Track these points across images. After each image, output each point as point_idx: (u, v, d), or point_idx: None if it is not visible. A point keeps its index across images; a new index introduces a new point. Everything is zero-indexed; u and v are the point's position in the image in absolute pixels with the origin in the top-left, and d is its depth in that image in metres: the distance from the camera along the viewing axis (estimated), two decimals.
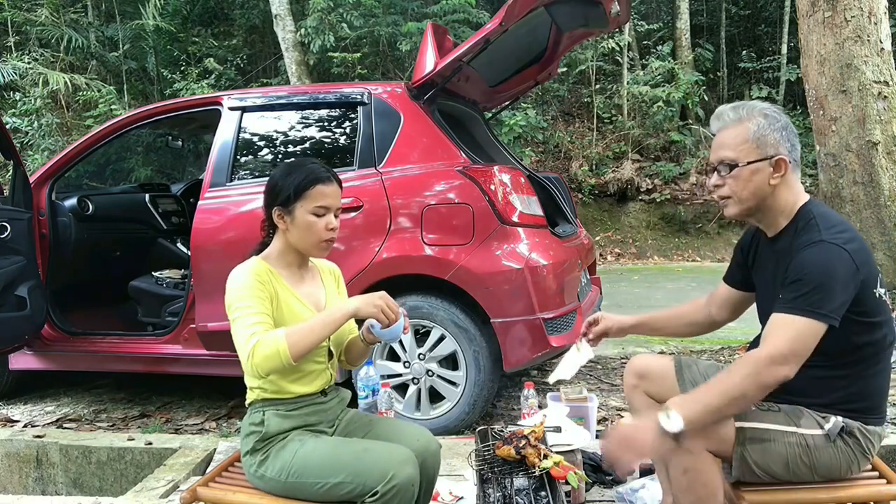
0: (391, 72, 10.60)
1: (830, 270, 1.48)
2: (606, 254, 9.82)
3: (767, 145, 1.59)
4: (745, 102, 1.66)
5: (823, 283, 1.48)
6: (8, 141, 3.28)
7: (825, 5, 4.57)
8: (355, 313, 1.64)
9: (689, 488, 1.59)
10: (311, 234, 1.71)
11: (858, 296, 1.52)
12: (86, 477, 3.00)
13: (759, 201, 1.63)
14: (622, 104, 11.26)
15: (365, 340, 1.83)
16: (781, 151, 1.59)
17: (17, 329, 3.29)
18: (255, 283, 1.65)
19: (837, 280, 1.48)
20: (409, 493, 1.56)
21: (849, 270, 1.49)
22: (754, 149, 1.59)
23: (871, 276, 1.55)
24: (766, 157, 1.59)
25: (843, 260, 1.49)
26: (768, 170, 1.59)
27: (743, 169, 1.60)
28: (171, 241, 4.39)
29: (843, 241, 1.51)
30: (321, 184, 1.71)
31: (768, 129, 1.59)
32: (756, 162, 1.59)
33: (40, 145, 9.40)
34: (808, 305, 1.48)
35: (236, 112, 3.39)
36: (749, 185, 1.61)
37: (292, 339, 1.54)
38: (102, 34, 11.06)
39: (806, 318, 1.48)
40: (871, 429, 1.61)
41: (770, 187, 1.61)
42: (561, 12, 3.37)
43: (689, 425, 1.48)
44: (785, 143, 1.59)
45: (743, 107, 1.64)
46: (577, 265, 3.28)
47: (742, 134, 1.60)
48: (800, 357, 1.49)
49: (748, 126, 1.60)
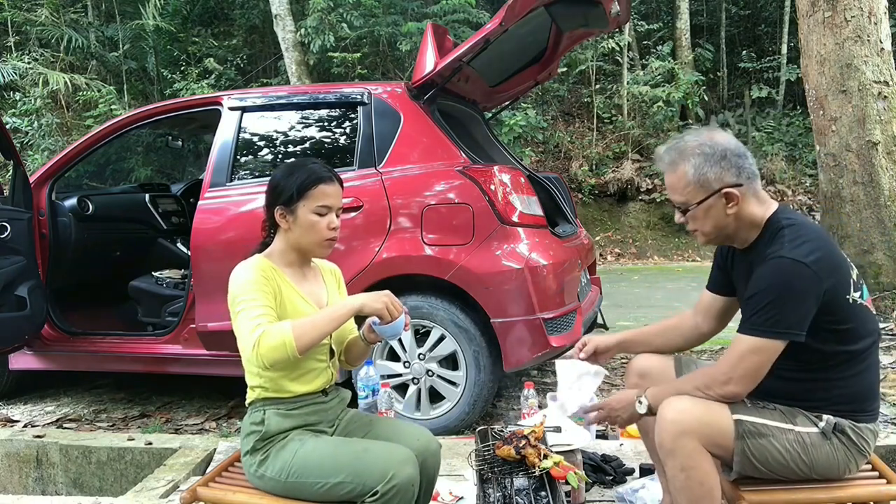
0: (391, 72, 10.60)
1: (785, 286, 1.50)
2: (606, 254, 9.83)
3: (710, 182, 1.59)
4: (677, 142, 1.65)
5: (777, 299, 1.50)
6: (8, 141, 3.28)
7: (825, 5, 4.57)
8: (360, 309, 1.64)
9: (685, 486, 1.59)
10: (314, 234, 1.72)
11: (827, 305, 1.53)
12: (86, 477, 3.00)
13: (724, 231, 1.66)
14: (622, 104, 11.26)
15: (366, 340, 1.84)
16: (727, 181, 1.59)
17: (17, 329, 3.29)
18: (259, 278, 1.66)
19: (793, 295, 1.50)
20: (409, 493, 1.56)
21: (807, 283, 1.50)
22: (699, 189, 1.60)
23: (840, 283, 1.55)
24: (712, 193, 1.60)
25: (800, 274, 1.49)
26: (720, 203, 1.60)
27: (696, 210, 1.63)
28: (171, 241, 4.39)
29: (802, 255, 1.51)
30: (323, 183, 1.72)
31: (706, 166, 1.59)
32: (705, 200, 1.61)
33: (40, 145, 9.40)
34: (763, 324, 1.52)
35: (236, 112, 3.39)
36: (708, 220, 1.63)
37: (298, 330, 1.55)
38: (102, 34, 11.06)
39: (761, 339, 1.53)
40: (862, 426, 1.62)
41: (729, 216, 1.62)
42: (561, 12, 3.37)
43: (653, 411, 1.67)
44: (729, 171, 1.59)
45: (675, 149, 1.64)
46: (577, 265, 3.28)
47: (682, 178, 1.62)
48: (750, 377, 1.55)
49: (685, 169, 1.61)
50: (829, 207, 4.78)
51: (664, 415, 1.61)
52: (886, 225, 4.55)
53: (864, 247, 4.60)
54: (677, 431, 1.57)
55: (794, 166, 10.55)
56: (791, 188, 10.28)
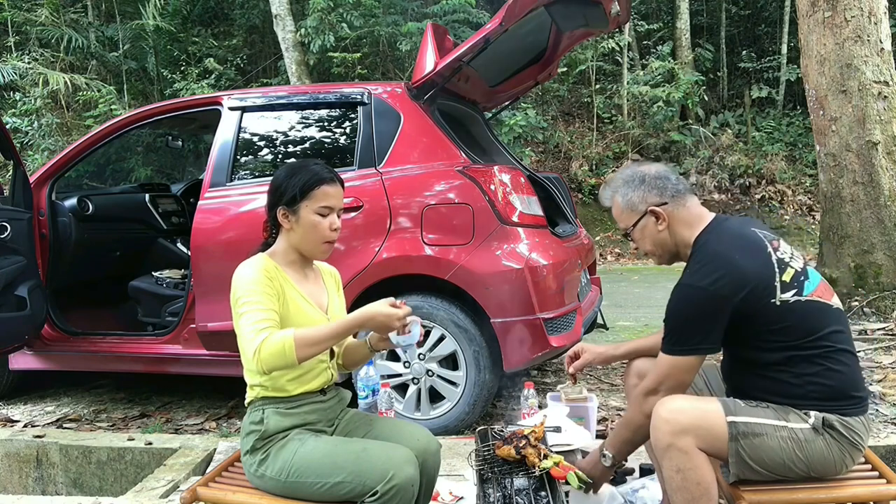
0: (391, 72, 10.60)
1: (684, 311, 1.68)
2: (606, 254, 9.82)
3: (636, 205, 1.81)
4: (611, 180, 1.90)
5: (676, 324, 1.69)
6: (8, 141, 3.28)
7: (825, 5, 4.57)
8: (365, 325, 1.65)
9: (682, 487, 1.60)
10: (316, 234, 1.73)
11: (749, 314, 1.62)
12: (86, 477, 3.00)
13: (664, 247, 1.83)
14: (622, 104, 11.26)
15: (373, 348, 1.84)
16: (651, 202, 1.79)
17: (17, 329, 3.29)
18: (263, 278, 1.66)
19: (693, 317, 1.65)
20: (408, 493, 1.56)
21: (705, 305, 1.63)
22: (630, 213, 1.83)
23: (756, 292, 1.61)
24: (642, 215, 1.81)
25: (697, 298, 1.64)
26: (650, 221, 1.80)
27: (634, 231, 1.85)
28: (171, 241, 4.39)
29: (699, 280, 1.64)
30: (326, 184, 1.73)
31: (630, 191, 1.82)
32: (637, 222, 1.82)
33: (40, 145, 9.40)
34: (674, 344, 1.69)
35: (236, 112, 3.39)
36: (646, 239, 1.84)
37: (300, 341, 1.55)
38: (102, 34, 11.06)
39: (671, 357, 1.70)
40: (849, 420, 1.62)
41: (663, 234, 1.80)
42: (561, 12, 3.37)
43: (619, 456, 1.89)
44: (651, 192, 1.79)
45: (608, 186, 1.90)
46: (577, 265, 3.28)
47: (617, 207, 1.86)
48: (670, 389, 1.70)
49: (617, 199, 1.86)
50: (829, 207, 4.78)
51: (659, 414, 1.62)
52: (886, 225, 4.55)
53: (864, 247, 4.60)
54: (672, 431, 1.58)
55: (794, 166, 10.55)
56: (791, 188, 10.28)
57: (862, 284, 4.60)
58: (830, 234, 4.76)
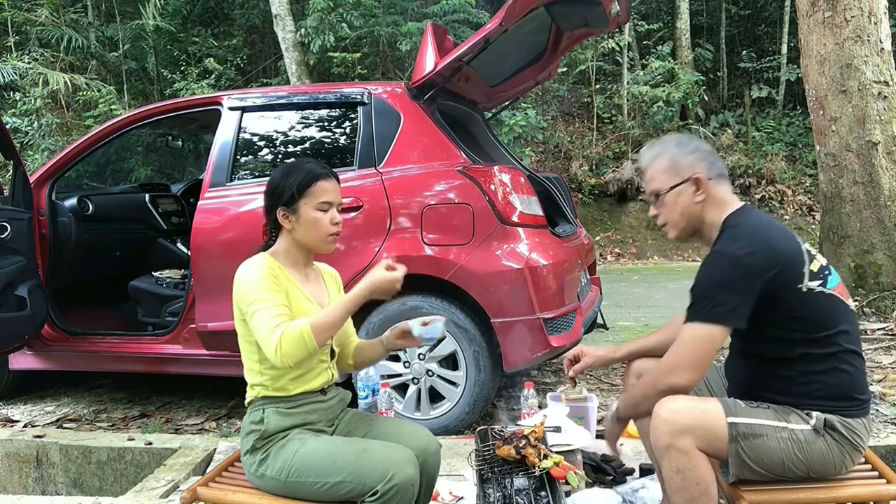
0: (391, 72, 10.60)
1: (715, 277, 1.63)
2: (606, 254, 9.83)
3: (683, 169, 1.74)
4: (662, 139, 1.84)
5: (705, 290, 1.63)
6: (8, 141, 3.28)
7: (825, 5, 4.57)
8: (371, 293, 1.67)
9: (682, 487, 1.59)
10: (318, 230, 1.75)
11: (774, 295, 1.59)
12: (86, 477, 3.00)
13: (691, 221, 1.78)
14: (622, 104, 11.26)
15: (388, 346, 1.89)
16: (698, 170, 1.73)
17: (17, 329, 3.29)
18: (268, 275, 1.67)
19: (726, 284, 1.60)
20: (408, 493, 1.56)
21: (738, 274, 1.59)
22: (673, 175, 1.76)
23: (785, 273, 1.60)
24: (684, 180, 1.74)
25: (732, 265, 1.60)
26: (690, 189, 1.74)
27: (667, 195, 1.77)
28: (171, 241, 4.39)
29: (735, 249, 1.62)
30: (322, 180, 1.75)
31: (680, 154, 1.76)
32: (676, 186, 1.75)
33: (40, 145, 9.40)
34: (698, 312, 1.63)
35: (236, 112, 3.39)
36: (676, 207, 1.77)
37: (316, 325, 1.58)
38: (102, 34, 11.06)
39: (695, 324, 1.63)
40: (851, 421, 1.62)
41: (696, 206, 1.75)
42: (561, 12, 3.37)
43: (622, 413, 1.88)
44: (700, 163, 1.74)
45: (656, 143, 1.83)
46: (577, 265, 3.28)
47: (659, 166, 1.78)
48: (693, 366, 1.62)
49: (663, 157, 1.78)
50: (829, 207, 4.78)
51: (658, 414, 1.62)
52: (886, 225, 4.55)
53: (864, 247, 4.60)
54: (672, 431, 1.58)
55: (794, 166, 10.55)
56: (791, 188, 10.28)
57: (862, 284, 4.60)
58: (830, 234, 4.76)
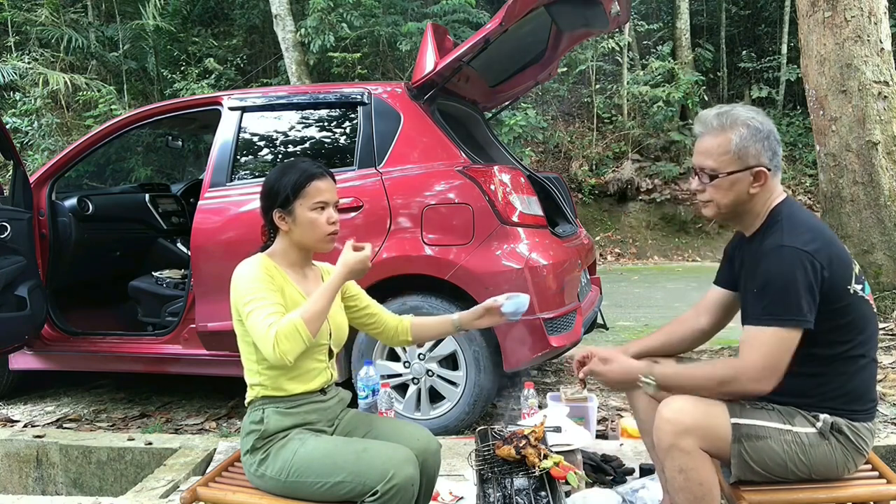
0: (391, 72, 10.59)
1: (791, 275, 1.51)
2: (606, 254, 9.82)
3: (749, 156, 1.60)
4: (729, 109, 1.65)
5: (786, 288, 1.51)
6: (8, 141, 3.28)
7: (825, 5, 4.57)
8: (349, 272, 1.68)
9: (684, 487, 1.59)
10: (315, 230, 1.74)
11: (827, 295, 1.54)
12: (86, 477, 3.00)
13: (738, 207, 1.66)
14: (622, 104, 11.26)
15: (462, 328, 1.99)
16: (763, 161, 1.60)
17: (17, 329, 3.29)
18: (264, 275, 1.67)
19: (799, 283, 1.51)
20: (408, 493, 1.56)
21: (810, 271, 1.51)
22: (735, 160, 1.60)
23: (840, 273, 1.56)
24: (746, 168, 1.61)
25: (803, 262, 1.51)
26: (748, 179, 1.61)
27: (723, 179, 1.62)
28: (171, 241, 4.39)
29: (802, 244, 1.53)
30: (317, 179, 1.73)
31: (750, 139, 1.59)
32: (736, 172, 1.61)
33: (40, 145, 9.39)
34: (776, 314, 1.52)
35: (236, 112, 3.39)
36: (729, 193, 1.64)
37: (307, 316, 1.57)
38: (102, 34, 11.05)
39: (776, 328, 1.52)
40: (858, 425, 1.62)
41: (749, 195, 1.63)
42: (561, 12, 3.37)
43: (663, 384, 1.66)
44: (766, 153, 1.60)
45: (727, 115, 1.63)
46: (577, 265, 3.28)
47: (724, 144, 1.61)
48: (776, 371, 1.53)
49: (731, 136, 1.60)
50: (829, 207, 4.78)
51: (662, 414, 1.61)
52: (886, 225, 4.55)
53: (864, 247, 4.60)
54: (675, 431, 1.57)
55: (794, 166, 10.56)
56: (791, 188, 10.29)
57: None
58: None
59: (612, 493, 2.19)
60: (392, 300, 3.01)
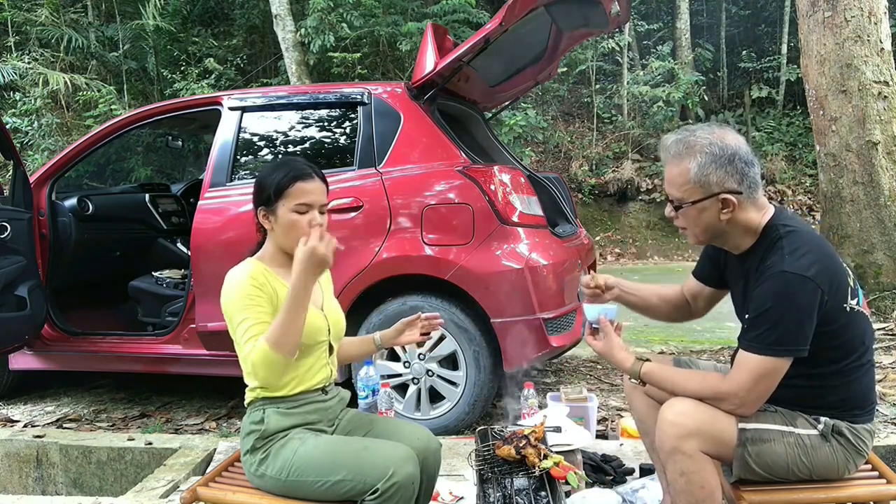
0: (391, 72, 10.59)
1: (789, 303, 1.48)
2: (606, 254, 9.82)
3: (711, 184, 1.54)
4: (688, 135, 1.58)
5: (784, 317, 1.48)
6: (8, 141, 3.28)
7: (825, 5, 4.57)
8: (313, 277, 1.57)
9: (686, 490, 1.59)
10: (294, 234, 1.65)
11: (825, 316, 1.52)
12: (86, 477, 3.00)
13: (715, 232, 1.62)
14: (622, 104, 11.27)
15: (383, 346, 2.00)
16: (728, 187, 1.54)
17: (17, 329, 3.29)
18: (250, 288, 1.63)
19: (800, 312, 1.48)
20: (409, 492, 1.56)
21: (812, 298, 1.48)
22: (698, 188, 1.55)
23: (838, 293, 1.54)
24: (710, 195, 1.55)
25: (805, 290, 1.48)
26: (717, 206, 1.56)
27: (689, 209, 1.58)
28: (171, 241, 4.39)
29: (803, 268, 1.48)
30: (301, 180, 1.67)
31: (710, 167, 1.53)
32: (701, 201, 1.56)
33: (40, 145, 9.39)
34: (770, 344, 1.50)
35: (236, 112, 3.39)
36: (699, 221, 1.60)
37: (272, 339, 1.54)
38: (102, 34, 11.05)
39: (768, 357, 1.50)
40: (859, 427, 1.62)
41: (722, 221, 1.58)
42: (561, 12, 3.37)
43: (648, 380, 1.69)
44: (733, 177, 1.54)
45: (684, 142, 1.57)
46: (577, 265, 3.28)
47: (684, 174, 1.56)
48: (762, 397, 1.54)
49: (688, 166, 1.55)
50: (829, 207, 4.78)
51: (664, 417, 1.60)
52: (886, 225, 4.55)
53: (864, 247, 4.60)
54: (678, 434, 1.56)
55: (794, 166, 10.56)
56: (791, 188, 10.28)
57: (862, 285, 4.59)
58: (830, 234, 4.76)
59: (611, 493, 2.19)
60: (392, 300, 3.01)
